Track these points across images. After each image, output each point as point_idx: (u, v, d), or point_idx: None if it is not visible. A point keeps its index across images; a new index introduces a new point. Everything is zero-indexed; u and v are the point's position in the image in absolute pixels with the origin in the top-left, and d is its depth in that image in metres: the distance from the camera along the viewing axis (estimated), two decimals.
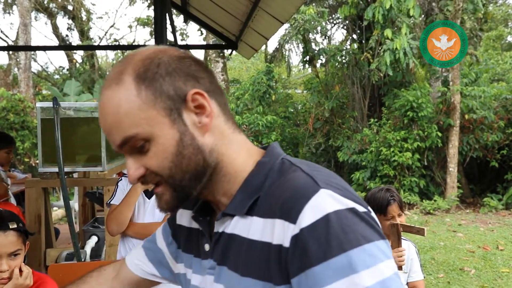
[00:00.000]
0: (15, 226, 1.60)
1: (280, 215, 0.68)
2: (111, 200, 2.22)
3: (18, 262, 1.61)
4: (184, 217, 0.93)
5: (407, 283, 2.13)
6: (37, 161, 3.12)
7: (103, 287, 1.02)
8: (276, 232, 0.68)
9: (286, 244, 0.66)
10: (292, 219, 0.66)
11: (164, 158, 0.72)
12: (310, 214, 0.65)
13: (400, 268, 2.01)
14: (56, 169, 2.74)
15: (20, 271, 1.61)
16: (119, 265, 1.05)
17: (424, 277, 2.22)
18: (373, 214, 0.70)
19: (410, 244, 2.18)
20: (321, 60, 10.29)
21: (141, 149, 0.73)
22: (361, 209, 0.67)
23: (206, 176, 0.75)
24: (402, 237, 2.05)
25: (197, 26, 14.00)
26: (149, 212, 2.20)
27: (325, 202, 0.65)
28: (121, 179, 2.30)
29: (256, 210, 0.74)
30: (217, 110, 0.76)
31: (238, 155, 0.78)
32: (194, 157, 0.73)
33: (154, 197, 2.19)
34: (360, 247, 0.63)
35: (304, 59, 10.11)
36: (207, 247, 0.82)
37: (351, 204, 0.67)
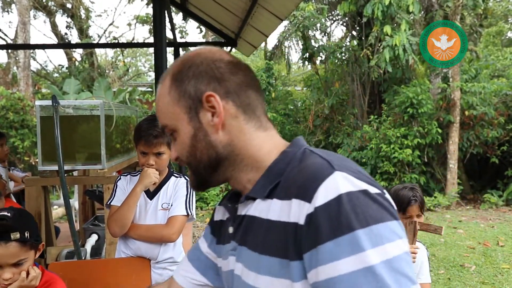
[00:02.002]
0: (18, 236, 1.52)
1: (296, 195, 0.73)
2: (111, 201, 2.13)
3: (24, 268, 1.56)
4: (220, 212, 1.01)
5: None
6: (37, 160, 3.11)
7: None
8: (292, 210, 0.73)
9: (301, 221, 0.71)
10: (308, 198, 0.71)
11: (183, 148, 0.85)
12: (324, 194, 0.69)
13: None
14: (56, 168, 2.73)
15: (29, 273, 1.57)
16: (168, 283, 1.10)
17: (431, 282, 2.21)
18: (387, 195, 0.73)
19: (422, 247, 2.17)
20: (321, 57, 10.26)
21: (172, 137, 0.87)
22: (374, 190, 0.71)
23: (221, 167, 0.85)
24: (417, 239, 2.05)
25: (196, 24, 13.97)
26: (151, 213, 2.13)
27: (338, 184, 0.70)
28: (120, 178, 2.20)
29: (276, 193, 0.79)
30: (234, 111, 0.83)
31: (260, 148, 0.84)
32: (206, 151, 0.83)
33: (155, 198, 2.18)
34: (368, 227, 0.66)
35: (304, 56, 10.08)
36: (231, 229, 0.89)
37: (364, 186, 0.70)
